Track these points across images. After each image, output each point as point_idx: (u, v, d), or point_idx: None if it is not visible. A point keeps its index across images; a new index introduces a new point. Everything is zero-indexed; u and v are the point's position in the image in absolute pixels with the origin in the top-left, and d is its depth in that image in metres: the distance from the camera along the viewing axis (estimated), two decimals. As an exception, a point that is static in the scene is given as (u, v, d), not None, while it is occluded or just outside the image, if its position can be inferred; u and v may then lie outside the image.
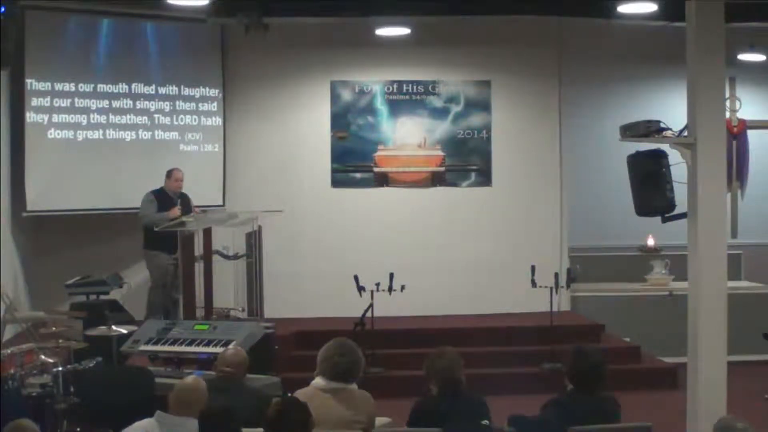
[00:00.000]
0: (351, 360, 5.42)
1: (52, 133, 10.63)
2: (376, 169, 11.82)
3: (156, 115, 11.22)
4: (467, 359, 5.66)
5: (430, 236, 11.74)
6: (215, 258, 10.24)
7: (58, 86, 10.63)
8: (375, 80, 11.79)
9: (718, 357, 7.13)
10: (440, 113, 11.85)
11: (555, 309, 10.24)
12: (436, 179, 11.87)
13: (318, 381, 5.42)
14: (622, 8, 10.14)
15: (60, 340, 7.36)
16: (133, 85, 11.06)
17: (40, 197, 10.57)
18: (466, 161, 11.88)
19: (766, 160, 12.64)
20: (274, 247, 11.10)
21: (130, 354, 8.03)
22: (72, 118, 10.73)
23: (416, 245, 11.64)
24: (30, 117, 10.45)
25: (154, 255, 10.34)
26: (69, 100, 10.70)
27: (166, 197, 10.40)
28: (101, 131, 10.91)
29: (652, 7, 10.11)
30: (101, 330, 7.67)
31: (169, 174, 10.50)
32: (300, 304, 11.30)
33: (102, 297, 10.15)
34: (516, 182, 11.87)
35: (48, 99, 10.57)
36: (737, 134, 11.97)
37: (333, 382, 5.37)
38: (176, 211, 10.22)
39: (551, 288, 9.98)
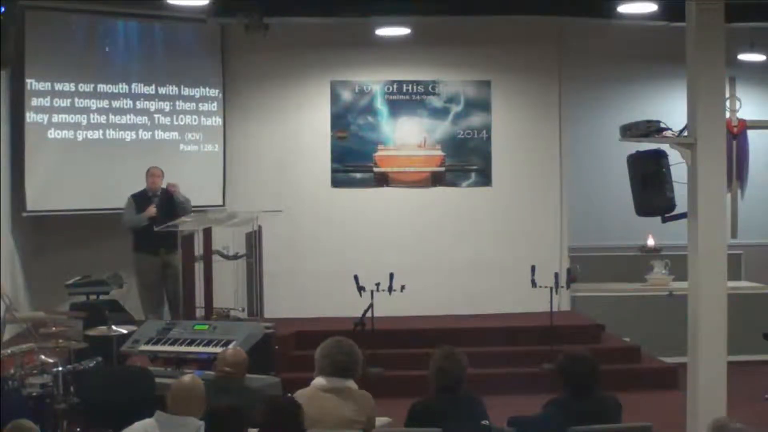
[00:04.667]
0: (349, 354, 5.43)
1: (52, 133, 10.63)
2: (376, 169, 11.82)
3: (156, 115, 11.22)
4: (467, 359, 5.66)
5: (430, 236, 11.74)
6: (215, 258, 10.24)
7: (58, 86, 10.63)
8: (375, 80, 11.78)
9: (718, 357, 7.13)
10: (440, 113, 11.85)
11: (555, 309, 10.23)
12: (436, 179, 11.87)
13: (318, 381, 5.42)
14: (622, 8, 10.13)
15: (60, 340, 7.36)
16: (133, 85, 11.06)
17: (40, 197, 10.57)
18: (466, 161, 11.88)
19: (766, 160, 12.65)
20: (274, 247, 11.10)
21: (130, 354, 8.03)
22: (72, 118, 10.73)
23: (416, 245, 11.64)
24: (30, 117, 10.46)
25: (138, 256, 10.40)
26: (69, 100, 10.71)
27: (144, 197, 10.39)
28: (101, 131, 10.92)
29: (652, 7, 10.11)
30: (101, 330, 7.67)
31: (146, 172, 10.48)
32: (300, 304, 11.30)
33: (102, 297, 10.15)
34: (516, 182, 11.87)
35: (48, 99, 10.57)
36: (737, 134, 11.99)
37: (333, 378, 5.37)
38: (151, 209, 10.23)
39: (551, 288, 9.98)
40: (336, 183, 11.79)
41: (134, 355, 8.13)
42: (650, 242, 12.30)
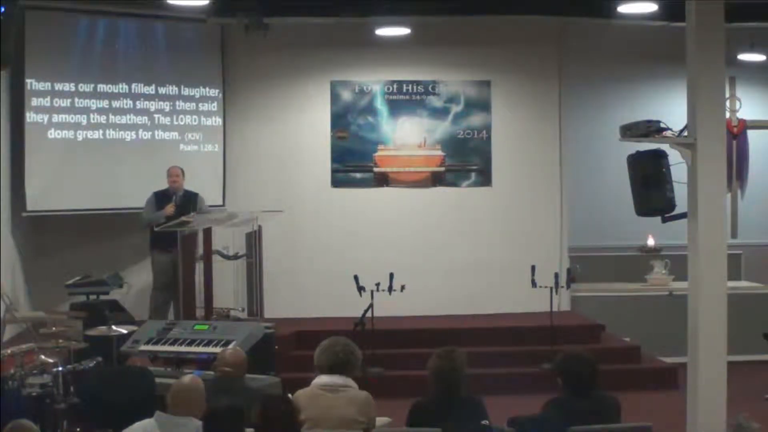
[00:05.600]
0: (347, 350, 5.45)
1: (52, 133, 10.63)
2: (376, 169, 11.82)
3: (156, 115, 11.22)
4: (467, 359, 5.66)
5: (430, 236, 11.74)
6: (215, 258, 10.25)
7: (58, 86, 10.63)
8: (375, 80, 11.78)
9: (718, 357, 7.12)
10: (440, 113, 11.85)
11: (555, 309, 10.24)
12: (436, 179, 11.87)
13: (318, 379, 5.43)
14: (622, 8, 10.15)
15: (60, 340, 7.36)
16: (133, 85, 11.06)
17: (40, 197, 10.57)
18: (466, 161, 11.88)
19: (766, 160, 12.65)
20: (274, 247, 11.10)
21: (130, 354, 8.02)
22: (72, 118, 10.73)
23: (416, 245, 11.64)
24: (30, 117, 10.46)
25: (152, 254, 10.50)
26: (69, 100, 10.71)
27: (166, 196, 10.44)
28: (101, 131, 10.91)
29: (652, 7, 10.12)
30: (101, 330, 7.67)
31: (167, 172, 10.53)
32: (300, 304, 11.31)
33: (102, 297, 10.16)
34: (516, 182, 11.87)
35: (48, 99, 10.57)
36: (737, 134, 12.00)
37: (332, 375, 5.38)
38: (170, 209, 10.24)
39: (551, 288, 9.98)
40: (336, 183, 11.79)
41: (134, 355, 8.13)
42: (650, 242, 12.30)
